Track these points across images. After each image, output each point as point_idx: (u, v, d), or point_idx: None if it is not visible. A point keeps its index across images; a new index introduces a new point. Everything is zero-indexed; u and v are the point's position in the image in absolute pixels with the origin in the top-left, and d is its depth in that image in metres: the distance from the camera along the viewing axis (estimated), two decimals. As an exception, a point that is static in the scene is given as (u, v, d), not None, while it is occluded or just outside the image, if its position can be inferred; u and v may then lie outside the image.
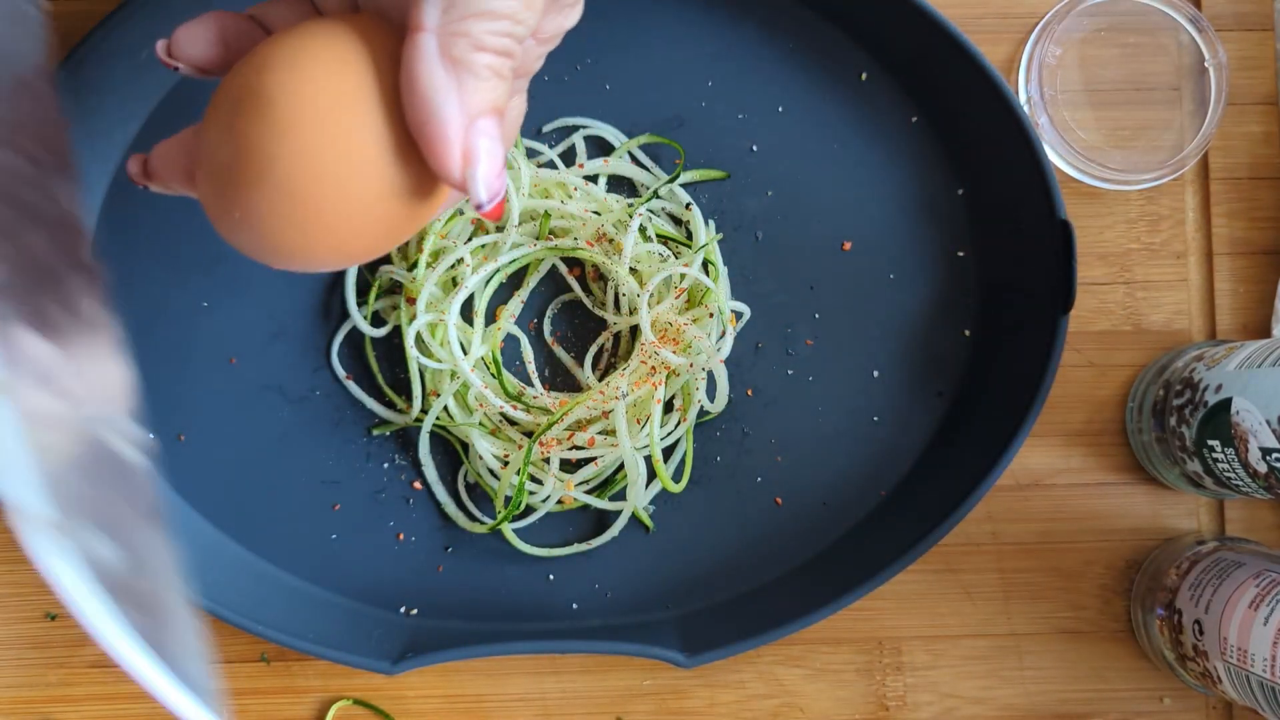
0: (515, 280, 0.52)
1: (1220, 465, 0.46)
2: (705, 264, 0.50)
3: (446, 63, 0.29)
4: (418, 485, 0.51)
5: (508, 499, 0.50)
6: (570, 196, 0.51)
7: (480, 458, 0.50)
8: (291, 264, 0.33)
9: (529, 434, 0.50)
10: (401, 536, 0.51)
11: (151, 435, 0.51)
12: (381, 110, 0.30)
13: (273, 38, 0.32)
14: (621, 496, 0.51)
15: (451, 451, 0.52)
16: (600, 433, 0.50)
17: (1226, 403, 0.45)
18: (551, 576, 0.51)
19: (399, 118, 0.30)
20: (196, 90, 0.50)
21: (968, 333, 0.52)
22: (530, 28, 0.30)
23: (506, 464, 0.50)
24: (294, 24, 0.35)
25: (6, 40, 0.31)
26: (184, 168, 0.34)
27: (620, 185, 0.52)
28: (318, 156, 0.30)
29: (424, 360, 0.50)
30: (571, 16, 0.34)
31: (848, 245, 0.52)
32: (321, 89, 0.30)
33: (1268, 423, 0.43)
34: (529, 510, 0.51)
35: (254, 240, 0.32)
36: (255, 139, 0.30)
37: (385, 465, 0.52)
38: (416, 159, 0.31)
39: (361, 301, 0.51)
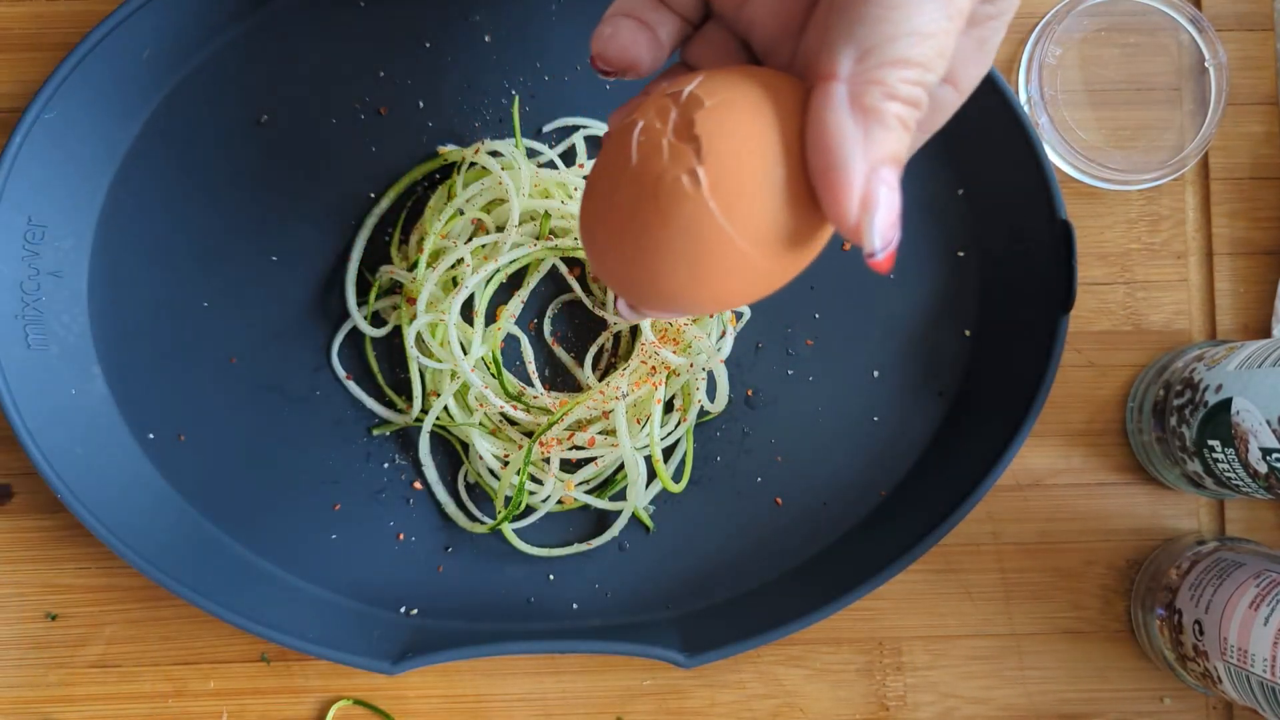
0: (515, 280, 0.52)
1: (1220, 465, 0.46)
2: (705, 264, 0.50)
3: (856, 111, 0.29)
4: (418, 485, 0.51)
5: (508, 499, 0.50)
6: (570, 197, 0.51)
7: (480, 458, 0.50)
8: (664, 305, 0.32)
9: (529, 434, 0.50)
10: (401, 536, 0.51)
11: (151, 435, 0.51)
12: (783, 161, 0.30)
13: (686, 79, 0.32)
14: (621, 496, 0.51)
15: (451, 451, 0.52)
16: (600, 433, 0.50)
17: (1227, 403, 0.45)
18: (551, 576, 0.51)
19: (798, 169, 0.30)
20: (197, 92, 0.50)
21: (968, 333, 0.52)
22: (940, 76, 0.30)
23: (506, 464, 0.50)
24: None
25: None
26: None
27: (620, 185, 0.52)
28: (725, 197, 0.30)
29: (424, 360, 0.50)
30: (983, 64, 0.33)
31: (848, 245, 0.52)
32: (735, 135, 0.30)
33: (1268, 423, 0.43)
34: (529, 510, 0.51)
35: (637, 277, 0.32)
36: (662, 173, 0.30)
37: (385, 465, 0.52)
38: (807, 210, 0.31)
39: (362, 301, 0.51)
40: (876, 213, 0.29)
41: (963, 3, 0.29)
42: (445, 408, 0.50)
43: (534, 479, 0.50)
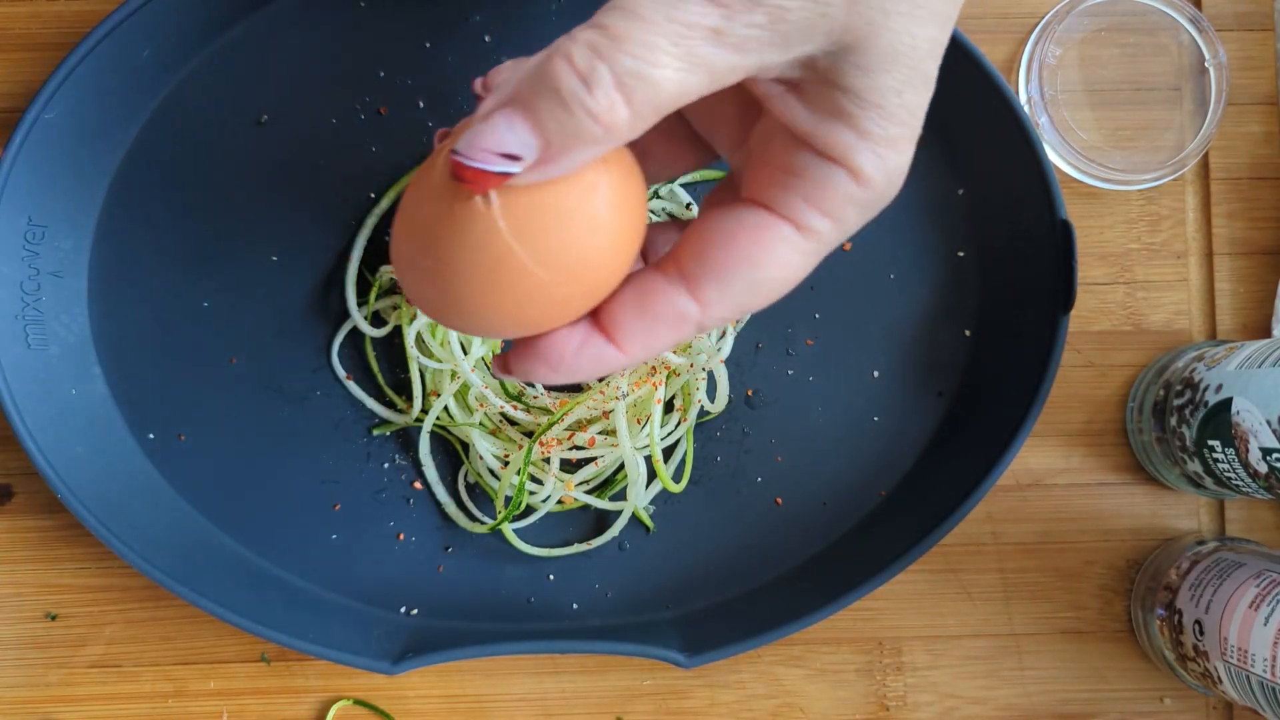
0: (515, 280, 0.52)
1: (1220, 465, 0.46)
2: (705, 264, 0.50)
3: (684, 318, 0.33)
4: (418, 485, 0.51)
5: (508, 499, 0.50)
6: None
7: (480, 458, 0.50)
8: (466, 324, 0.33)
9: (529, 434, 0.50)
10: (401, 536, 0.51)
11: (151, 435, 0.51)
12: (582, 199, 0.31)
13: None
14: (621, 496, 0.51)
15: (451, 451, 0.52)
16: (600, 433, 0.50)
17: (1227, 403, 0.45)
18: (551, 576, 0.51)
19: (595, 207, 0.31)
20: (197, 92, 0.50)
21: (968, 333, 0.52)
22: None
23: (506, 464, 0.50)
24: None
25: None
26: None
27: (620, 185, 0.52)
28: (517, 220, 0.30)
29: (424, 360, 0.50)
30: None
31: (848, 245, 0.52)
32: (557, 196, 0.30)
33: (1268, 423, 0.43)
34: (529, 510, 0.51)
35: (438, 295, 0.32)
36: (459, 191, 0.30)
37: (385, 465, 0.52)
38: (607, 244, 0.32)
39: (362, 301, 0.51)
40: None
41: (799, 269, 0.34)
42: (445, 408, 0.50)
43: (534, 479, 0.50)
